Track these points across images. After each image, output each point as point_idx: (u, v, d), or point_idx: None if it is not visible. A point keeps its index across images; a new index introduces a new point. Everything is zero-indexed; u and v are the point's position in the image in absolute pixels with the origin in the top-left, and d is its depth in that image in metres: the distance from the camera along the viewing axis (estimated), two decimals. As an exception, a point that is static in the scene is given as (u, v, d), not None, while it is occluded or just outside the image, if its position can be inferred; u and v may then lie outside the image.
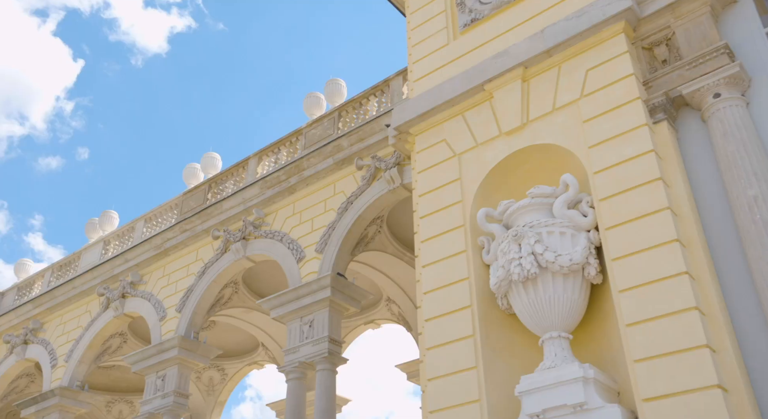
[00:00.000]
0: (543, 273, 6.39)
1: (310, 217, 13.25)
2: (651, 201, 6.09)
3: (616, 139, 6.60)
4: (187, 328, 14.12)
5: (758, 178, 5.78)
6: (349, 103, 13.83)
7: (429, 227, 7.69)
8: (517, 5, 8.18)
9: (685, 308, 5.51)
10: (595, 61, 7.12)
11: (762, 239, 5.53)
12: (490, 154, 7.58)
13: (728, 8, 6.87)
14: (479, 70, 7.91)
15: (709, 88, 6.37)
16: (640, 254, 5.96)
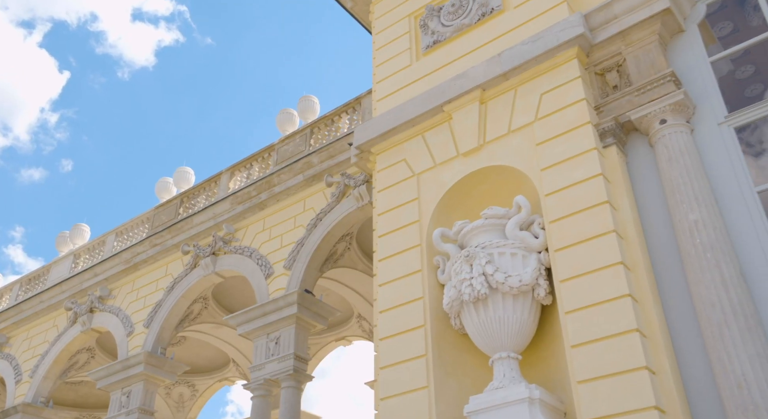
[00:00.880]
0: (493, 294, 6.45)
1: (279, 233, 13.26)
2: (597, 224, 6.20)
3: (566, 162, 6.72)
4: (154, 344, 13.99)
5: (699, 203, 5.92)
6: (321, 120, 13.92)
7: (386, 247, 7.74)
8: (477, 28, 8.34)
9: (627, 331, 5.60)
10: (549, 86, 7.27)
11: (701, 263, 5.65)
12: (448, 174, 7.68)
13: (676, 37, 7.07)
14: (439, 91, 8.03)
15: (656, 114, 6.53)
16: (586, 276, 6.05)
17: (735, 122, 6.35)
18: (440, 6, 8.88)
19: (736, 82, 12.58)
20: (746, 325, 5.25)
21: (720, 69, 10.74)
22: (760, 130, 9.20)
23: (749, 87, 12.49)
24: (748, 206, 5.87)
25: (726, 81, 12.50)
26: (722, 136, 6.31)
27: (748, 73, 12.61)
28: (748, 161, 9.06)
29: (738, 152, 6.17)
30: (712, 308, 5.43)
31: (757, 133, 9.45)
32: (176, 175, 16.84)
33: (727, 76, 12.62)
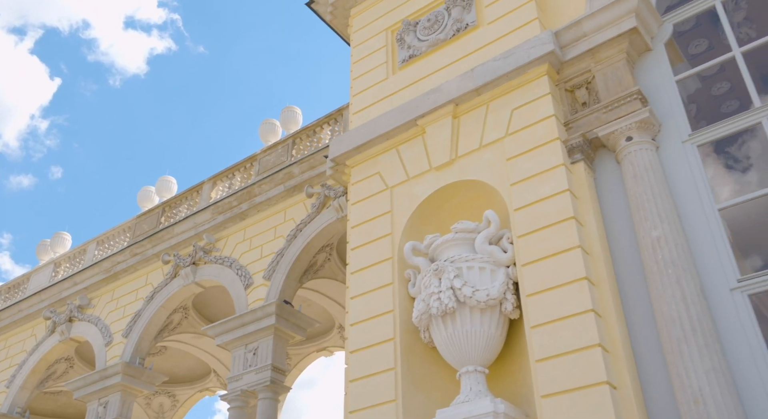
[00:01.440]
0: (461, 308, 6.49)
1: (259, 243, 13.27)
2: (563, 239, 6.27)
3: (535, 177, 6.80)
4: (132, 354, 13.91)
5: (662, 220, 6.00)
6: (303, 130, 13.98)
7: (359, 259, 7.77)
8: (452, 44, 8.43)
9: (589, 346, 5.66)
10: (520, 101, 7.36)
11: (663, 279, 5.72)
12: (421, 188, 7.74)
13: (644, 55, 7.18)
14: (413, 105, 8.11)
15: (623, 131, 6.63)
16: (552, 291, 6.11)
17: (698, 140, 6.45)
18: (417, 21, 8.98)
19: (713, 99, 12.79)
20: (704, 341, 5.32)
21: (688, 87, 10.93)
22: (733, 147, 9.35)
23: (725, 103, 12.70)
24: (710, 223, 5.97)
25: (702, 97, 12.72)
26: (686, 153, 6.41)
27: (723, 89, 12.82)
28: (718, 177, 9.21)
29: (701, 169, 6.27)
30: (672, 324, 5.50)
31: (730, 149, 9.61)
32: (159, 184, 16.81)
33: (703, 92, 12.84)
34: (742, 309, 5.49)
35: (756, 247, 9.50)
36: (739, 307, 5.51)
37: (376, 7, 9.60)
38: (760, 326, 5.42)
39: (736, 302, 5.56)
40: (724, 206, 6.09)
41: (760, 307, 10.01)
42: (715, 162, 10.68)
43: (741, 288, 5.60)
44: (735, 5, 10.99)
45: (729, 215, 11.33)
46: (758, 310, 9.81)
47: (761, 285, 5.55)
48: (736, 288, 5.61)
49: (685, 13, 7.28)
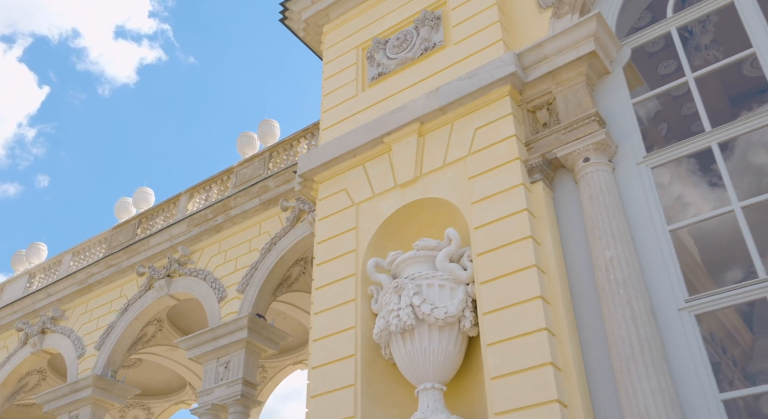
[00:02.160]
0: (420, 325, 6.56)
1: (234, 256, 13.28)
2: (520, 258, 6.36)
3: (495, 196, 6.90)
4: (104, 366, 13.82)
5: (616, 240, 6.12)
6: (280, 144, 14.05)
7: (323, 275, 7.83)
8: (419, 62, 8.56)
9: (541, 364, 5.74)
10: (482, 121, 7.48)
11: (614, 299, 5.83)
12: (386, 205, 7.82)
13: (603, 78, 7.34)
14: (380, 122, 8.21)
15: (580, 152, 6.76)
16: (507, 309, 6.20)
17: (652, 163, 6.59)
18: (387, 39, 9.11)
19: (683, 118, 13.05)
20: (651, 360, 5.42)
21: (649, 108, 11.13)
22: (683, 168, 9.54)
23: (694, 123, 12.97)
24: (661, 244, 6.09)
25: (673, 116, 12.96)
26: (640, 175, 6.55)
27: (693, 109, 13.09)
28: (675, 198, 9.38)
29: (653, 191, 6.41)
30: (621, 343, 5.60)
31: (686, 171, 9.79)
32: (136, 195, 16.79)
33: (674, 111, 13.09)
34: (689, 329, 5.60)
35: (706, 267, 9.68)
36: (687, 327, 5.62)
37: (348, 24, 9.73)
38: (706, 346, 5.53)
39: (683, 322, 5.67)
40: (675, 227, 6.23)
41: (706, 327, 10.18)
42: (675, 183, 10.88)
43: (688, 308, 5.71)
44: (702, 28, 11.26)
45: (694, 233, 11.53)
46: (704, 330, 9.98)
47: (708, 306, 5.67)
48: (683, 308, 5.73)
49: (643, 37, 7.46)
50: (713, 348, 10.80)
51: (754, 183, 11.47)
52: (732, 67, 11.02)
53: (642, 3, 8.42)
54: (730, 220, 11.35)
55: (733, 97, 12.65)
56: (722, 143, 6.37)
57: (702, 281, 10.95)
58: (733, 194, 6.03)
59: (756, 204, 6.02)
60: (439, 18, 8.66)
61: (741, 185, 11.76)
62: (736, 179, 11.82)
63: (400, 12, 9.16)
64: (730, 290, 5.66)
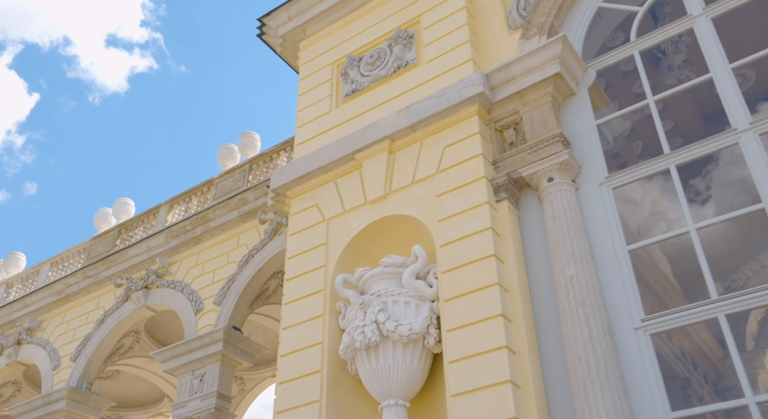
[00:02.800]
0: (384, 342, 6.61)
1: (212, 268, 13.27)
2: (483, 277, 6.45)
3: (461, 214, 7.00)
4: (79, 378, 13.72)
5: (576, 260, 6.22)
6: (260, 156, 14.11)
7: (293, 291, 7.87)
8: (392, 80, 8.68)
9: (501, 382, 5.81)
10: (451, 139, 7.59)
11: (573, 318, 5.92)
12: (355, 221, 7.89)
13: (569, 99, 7.48)
14: (352, 139, 8.30)
15: (545, 172, 6.87)
16: (469, 327, 6.27)
17: (613, 183, 6.72)
18: (361, 56, 9.23)
19: (657, 136, 13.22)
20: (607, 379, 5.50)
21: (623, 126, 11.29)
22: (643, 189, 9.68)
23: (670, 140, 13.14)
24: (620, 264, 6.20)
25: (648, 134, 13.15)
26: (602, 195, 6.66)
27: (667, 127, 13.33)
28: (651, 214, 9.51)
29: (614, 211, 6.52)
30: (579, 362, 5.68)
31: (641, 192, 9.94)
32: (116, 206, 16.75)
33: (648, 129, 13.27)
34: (644, 348, 5.70)
35: (679, 284, 9.82)
36: (642, 346, 5.72)
37: (324, 41, 9.84)
38: (660, 365, 5.63)
39: (639, 341, 5.76)
40: (634, 247, 6.34)
41: (677, 343, 10.31)
42: (649, 198, 11.03)
43: (644, 328, 5.81)
44: (675, 48, 11.49)
45: (668, 250, 11.63)
46: (659, 349, 10.09)
47: (663, 325, 5.78)
48: (640, 328, 5.83)
49: (608, 60, 7.61)
50: (683, 364, 10.93)
51: (739, 194, 11.66)
52: (705, 86, 11.25)
53: (611, 24, 8.59)
54: (703, 235, 11.47)
55: (706, 115, 12.87)
56: (680, 165, 6.50)
57: (672, 298, 11.10)
58: (689, 217, 6.16)
59: (713, 224, 6.14)
60: (412, 37, 8.79)
61: (724, 197, 11.95)
62: (719, 191, 12.01)
63: (374, 30, 9.28)
64: (684, 310, 5.77)
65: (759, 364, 11.94)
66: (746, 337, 12.69)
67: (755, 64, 9.93)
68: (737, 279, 12.86)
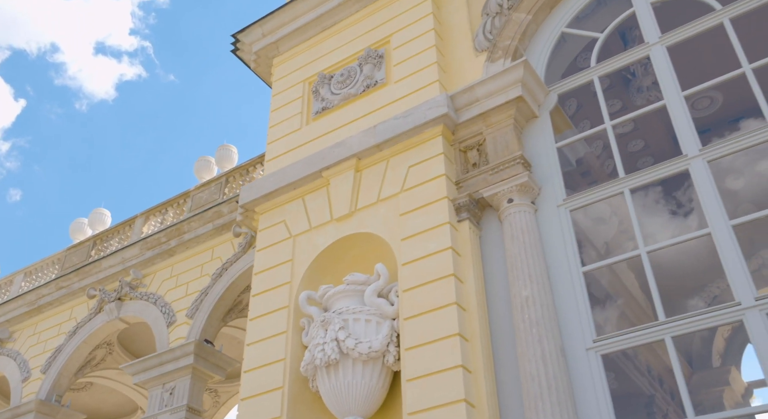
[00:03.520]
0: (344, 359, 6.68)
1: (186, 281, 13.26)
2: (441, 296, 6.55)
3: (423, 234, 7.10)
4: (49, 391, 13.60)
5: (532, 280, 6.34)
6: (237, 169, 14.15)
7: (258, 307, 7.92)
8: (361, 99, 8.80)
9: (455, 401, 5.89)
10: (416, 159, 7.71)
11: (527, 338, 6.03)
12: (321, 238, 7.97)
13: (531, 122, 7.64)
14: (320, 157, 8.40)
15: (505, 193, 7.01)
16: (427, 346, 6.36)
17: (571, 205, 6.86)
18: (332, 74, 9.35)
19: (629, 155, 13.50)
20: (557, 399, 5.61)
21: (594, 145, 11.49)
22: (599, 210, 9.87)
23: (641, 159, 13.41)
24: (574, 285, 6.33)
25: (622, 153, 13.35)
26: (559, 217, 6.81)
27: (638, 146, 13.55)
28: (592, 240, 9.68)
29: (570, 232, 6.66)
30: (531, 382, 5.78)
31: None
32: (92, 216, 16.70)
33: (621, 147, 13.49)
34: (595, 369, 5.81)
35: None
36: (593, 366, 5.84)
37: (296, 58, 9.96)
38: (610, 386, 5.75)
39: (590, 361, 5.88)
40: (588, 268, 6.48)
41: (644, 360, 10.47)
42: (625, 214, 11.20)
43: (595, 348, 5.94)
44: (644, 70, 11.75)
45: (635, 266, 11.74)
46: (640, 364, 10.25)
47: (613, 346, 5.90)
48: (591, 348, 5.95)
49: (569, 84, 7.79)
50: (649, 382, 11.09)
51: (729, 206, 11.90)
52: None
53: (575, 48, 8.79)
54: (676, 251, 11.63)
55: (675, 136, 13.12)
56: (634, 189, 6.66)
57: (638, 316, 11.28)
58: (641, 240, 6.31)
59: (663, 247, 6.30)
60: (381, 56, 8.93)
61: (710, 208, 12.12)
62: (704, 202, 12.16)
63: (346, 49, 9.42)
64: (633, 332, 5.90)
65: (724, 381, 12.14)
66: (713, 354, 12.90)
67: (721, 87, 10.21)
68: (704, 296, 13.11)
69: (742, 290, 5.49)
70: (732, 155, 6.39)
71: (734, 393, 12.21)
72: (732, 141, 6.30)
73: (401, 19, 9.04)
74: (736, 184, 12.61)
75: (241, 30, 10.35)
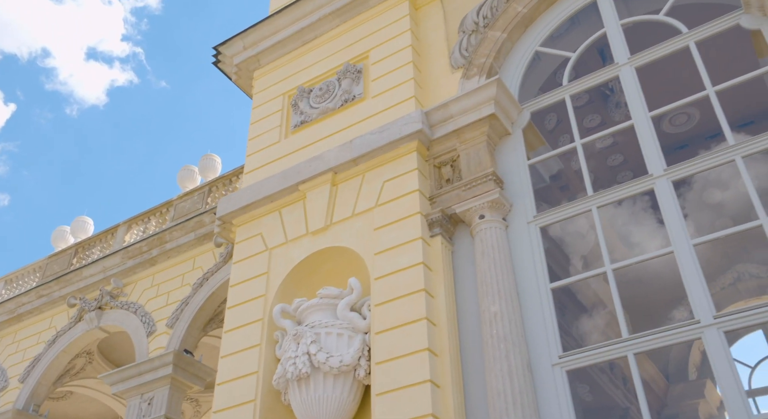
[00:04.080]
0: (315, 373, 6.74)
1: (167, 290, 13.25)
2: (412, 311, 6.62)
3: (396, 249, 7.19)
4: (27, 400, 13.53)
5: (501, 296, 6.43)
6: (220, 179, 14.20)
7: (233, 319, 7.96)
8: (339, 113, 8.90)
9: (422, 415, 5.96)
10: (391, 174, 7.80)
11: (495, 353, 6.11)
12: (297, 251, 8.03)
13: (504, 139, 7.75)
14: (297, 170, 8.47)
15: (477, 209, 7.10)
16: (396, 361, 6.42)
17: (540, 222, 6.97)
18: (311, 88, 9.44)
19: (609, 169, 13.67)
20: (523, 414, 5.69)
21: (574, 160, 11.64)
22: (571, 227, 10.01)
23: (620, 174, 13.58)
24: (542, 301, 6.43)
25: (598, 168, 13.56)
26: (529, 234, 6.91)
27: (618, 160, 13.73)
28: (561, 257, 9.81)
29: (540, 249, 6.77)
30: (498, 397, 5.86)
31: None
32: (74, 224, 16.65)
33: (600, 162, 13.68)
34: (560, 384, 5.90)
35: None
36: (558, 382, 5.92)
37: (277, 72, 10.05)
38: (574, 401, 5.84)
39: (555, 377, 5.97)
40: (556, 285, 6.58)
41: (619, 373, 10.59)
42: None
43: (561, 364, 6.03)
44: (620, 87, 11.93)
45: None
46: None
47: (578, 362, 6.00)
48: (557, 364, 6.04)
49: (541, 103, 7.92)
50: (624, 395, 11.20)
51: (709, 219, 12.08)
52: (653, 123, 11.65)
53: (550, 65, 8.94)
54: (653, 265, 11.74)
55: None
56: (601, 206, 6.78)
57: (616, 331, 11.41)
58: (606, 257, 6.42)
59: (629, 265, 6.42)
60: (360, 71, 9.04)
61: (700, 218, 12.35)
62: (694, 211, 12.37)
63: (325, 63, 9.52)
64: (597, 348, 6.00)
65: (700, 393, 12.28)
66: (689, 367, 13.05)
67: (697, 104, 10.40)
68: (689, 308, 13.29)
69: (701, 309, 5.60)
70: (699, 174, 6.52)
71: (709, 405, 12.35)
72: (696, 162, 6.44)
73: (380, 34, 9.16)
74: (714, 198, 12.82)
75: (222, 42, 10.43)
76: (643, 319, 13.23)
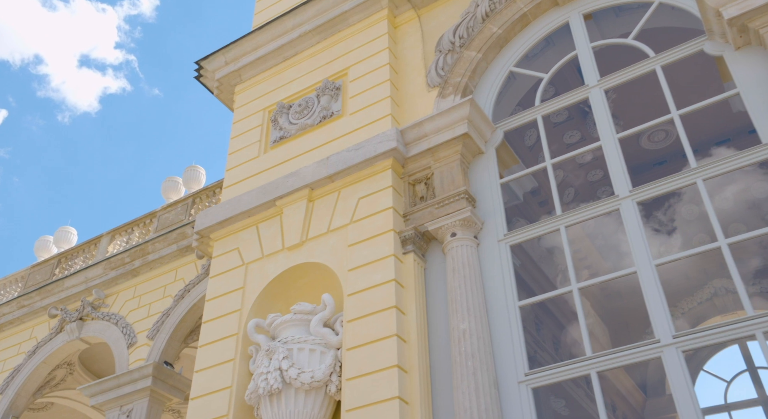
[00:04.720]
0: (287, 389, 6.80)
1: (148, 302, 13.27)
2: (383, 327, 6.71)
3: (368, 265, 7.28)
4: (5, 412, 13.46)
5: (470, 313, 6.53)
6: (204, 191, 14.25)
7: (208, 334, 8.01)
8: (317, 130, 9.01)
9: (390, 432, 6.03)
10: (366, 191, 7.91)
11: (462, 370, 6.20)
12: (272, 267, 8.11)
13: (477, 158, 7.88)
14: (274, 186, 8.56)
15: (449, 227, 7.22)
16: (366, 377, 6.50)
17: (511, 241, 7.09)
18: (291, 104, 9.55)
19: (589, 184, 13.83)
20: (488, 432, 5.77)
21: (554, 175, 11.80)
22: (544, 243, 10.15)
23: (600, 189, 13.74)
24: (510, 319, 6.53)
25: (579, 183, 13.70)
26: (500, 252, 7.03)
27: (598, 176, 13.90)
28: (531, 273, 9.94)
29: (509, 267, 6.88)
30: (464, 414, 5.95)
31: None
32: (57, 234, 16.64)
33: (581, 177, 13.84)
34: (525, 402, 6.00)
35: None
36: (523, 400, 6.02)
37: (257, 87, 10.16)
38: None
39: (521, 394, 6.07)
40: (524, 303, 6.69)
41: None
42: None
43: (527, 382, 6.13)
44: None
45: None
46: (559, 397, 10.45)
47: (543, 380, 6.10)
48: (523, 381, 6.14)
49: (514, 122, 8.06)
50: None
51: (698, 232, 12.25)
52: (631, 139, 11.82)
53: (525, 85, 9.10)
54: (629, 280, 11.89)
55: (633, 166, 13.55)
56: (570, 226, 6.91)
57: (594, 346, 11.55)
58: (573, 276, 6.54)
59: (593, 284, 6.54)
60: (339, 88, 9.16)
61: (687, 232, 12.49)
62: (681, 225, 12.48)
63: (305, 79, 9.64)
64: (563, 366, 6.11)
65: (674, 409, 12.39)
66: (665, 381, 13.19)
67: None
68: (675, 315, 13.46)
69: (661, 328, 5.73)
70: (661, 195, 6.66)
71: (685, 419, 12.46)
72: (659, 184, 6.58)
73: (359, 52, 9.30)
74: (693, 213, 13.02)
75: (204, 57, 10.53)
76: (624, 331, 13.39)
